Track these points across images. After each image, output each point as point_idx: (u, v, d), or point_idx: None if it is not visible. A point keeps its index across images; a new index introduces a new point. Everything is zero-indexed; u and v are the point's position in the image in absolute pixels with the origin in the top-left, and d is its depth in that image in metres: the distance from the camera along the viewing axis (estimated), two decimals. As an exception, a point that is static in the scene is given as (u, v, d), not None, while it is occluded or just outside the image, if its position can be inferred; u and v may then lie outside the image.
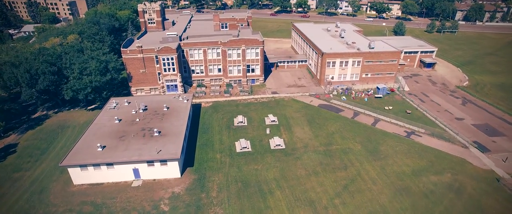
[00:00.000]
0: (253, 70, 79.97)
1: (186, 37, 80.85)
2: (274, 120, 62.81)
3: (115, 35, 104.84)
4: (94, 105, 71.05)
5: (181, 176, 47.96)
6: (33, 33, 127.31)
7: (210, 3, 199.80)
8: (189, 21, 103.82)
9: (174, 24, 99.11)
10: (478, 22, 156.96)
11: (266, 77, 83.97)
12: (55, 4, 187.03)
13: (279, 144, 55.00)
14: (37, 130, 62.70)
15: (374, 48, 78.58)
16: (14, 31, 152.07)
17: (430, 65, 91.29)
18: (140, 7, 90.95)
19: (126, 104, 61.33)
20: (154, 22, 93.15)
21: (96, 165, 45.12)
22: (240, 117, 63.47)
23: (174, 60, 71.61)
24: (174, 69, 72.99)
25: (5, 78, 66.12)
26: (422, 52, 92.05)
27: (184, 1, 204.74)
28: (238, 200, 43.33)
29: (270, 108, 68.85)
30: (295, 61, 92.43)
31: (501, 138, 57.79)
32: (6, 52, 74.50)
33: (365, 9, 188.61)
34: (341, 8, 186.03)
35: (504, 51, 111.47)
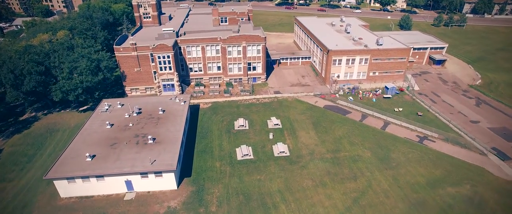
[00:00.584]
0: (254, 68, 75.61)
1: (184, 33, 76.21)
2: (277, 123, 58.87)
3: (109, 30, 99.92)
4: (86, 106, 67.10)
5: (177, 187, 44.26)
6: (22, 28, 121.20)
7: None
8: (186, 15, 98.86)
9: (171, 18, 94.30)
10: (487, 15, 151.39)
11: (268, 75, 79.73)
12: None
13: (283, 151, 51.17)
14: (24, 134, 58.73)
15: (382, 45, 74.21)
16: (5, 25, 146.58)
17: (440, 62, 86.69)
18: (134, 1, 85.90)
19: (119, 106, 57.26)
20: (150, 17, 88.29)
21: (84, 177, 41.34)
22: (241, 120, 59.54)
23: (170, 58, 67.22)
24: (170, 68, 68.68)
25: None
26: (431, 48, 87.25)
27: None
28: (239, 216, 39.75)
29: (273, 109, 64.84)
30: (299, 58, 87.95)
31: (520, 143, 53.92)
32: None
33: (369, 2, 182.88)
34: (344, 0, 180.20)
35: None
